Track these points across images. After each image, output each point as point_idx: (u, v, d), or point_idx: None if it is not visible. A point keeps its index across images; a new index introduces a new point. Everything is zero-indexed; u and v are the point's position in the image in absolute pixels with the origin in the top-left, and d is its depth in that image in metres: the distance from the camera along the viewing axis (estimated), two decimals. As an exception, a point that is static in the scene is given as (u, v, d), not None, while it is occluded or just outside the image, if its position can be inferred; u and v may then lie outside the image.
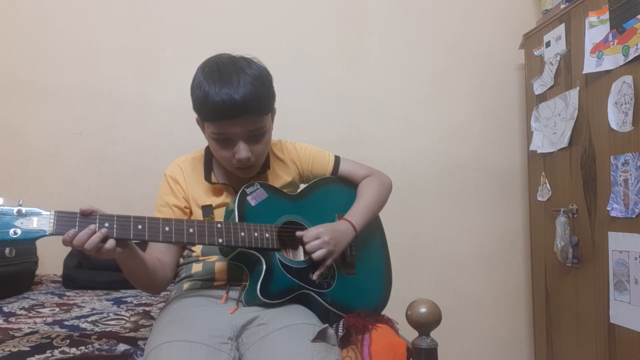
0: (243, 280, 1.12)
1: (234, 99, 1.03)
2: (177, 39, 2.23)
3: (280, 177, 1.26)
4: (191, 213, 1.19)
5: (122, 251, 0.95)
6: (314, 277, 1.10)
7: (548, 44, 2.05)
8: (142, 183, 2.14)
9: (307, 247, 1.09)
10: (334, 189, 1.30)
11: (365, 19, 2.36)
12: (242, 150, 1.10)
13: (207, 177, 1.19)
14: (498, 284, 2.37)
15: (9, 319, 1.32)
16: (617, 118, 1.65)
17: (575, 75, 1.88)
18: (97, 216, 0.92)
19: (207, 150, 1.24)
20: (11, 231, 0.85)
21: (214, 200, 1.19)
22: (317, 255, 1.08)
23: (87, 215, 0.91)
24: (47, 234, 0.87)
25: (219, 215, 1.16)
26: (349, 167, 1.33)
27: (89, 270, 1.86)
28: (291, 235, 1.13)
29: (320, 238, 1.08)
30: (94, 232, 0.90)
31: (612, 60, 1.67)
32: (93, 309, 1.46)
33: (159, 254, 1.14)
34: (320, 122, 2.26)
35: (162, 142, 2.19)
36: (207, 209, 1.17)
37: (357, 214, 1.21)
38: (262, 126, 1.11)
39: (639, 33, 1.55)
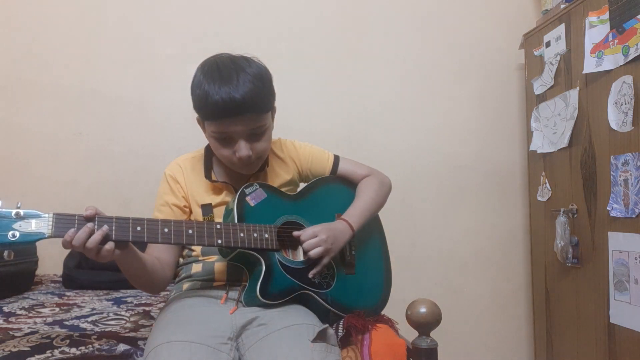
0: (243, 280, 1.12)
1: (234, 98, 1.04)
2: (176, 40, 2.23)
3: (279, 175, 1.26)
4: (191, 212, 1.20)
5: (120, 253, 0.95)
6: (310, 275, 1.10)
7: (548, 44, 2.05)
8: (142, 183, 2.15)
9: (304, 245, 1.09)
10: (333, 189, 1.30)
11: (366, 19, 2.35)
12: (243, 149, 1.10)
13: (207, 176, 1.20)
14: (498, 284, 2.37)
15: (9, 319, 1.32)
16: (617, 118, 1.65)
17: (575, 75, 1.88)
18: (96, 218, 0.91)
19: (207, 149, 1.24)
20: (9, 234, 0.84)
21: (214, 199, 1.19)
22: (313, 253, 1.08)
23: (87, 218, 0.91)
24: (46, 236, 0.87)
25: (219, 213, 1.16)
26: (349, 167, 1.33)
27: (89, 270, 1.86)
28: (291, 236, 1.13)
29: (318, 236, 1.09)
30: (92, 231, 0.90)
31: (612, 60, 1.67)
32: (93, 309, 1.46)
33: (158, 253, 1.14)
34: (320, 122, 2.26)
35: (162, 142, 2.19)
36: (207, 208, 1.17)
37: (354, 213, 1.21)
38: (263, 124, 1.12)
39: (639, 33, 1.55)
